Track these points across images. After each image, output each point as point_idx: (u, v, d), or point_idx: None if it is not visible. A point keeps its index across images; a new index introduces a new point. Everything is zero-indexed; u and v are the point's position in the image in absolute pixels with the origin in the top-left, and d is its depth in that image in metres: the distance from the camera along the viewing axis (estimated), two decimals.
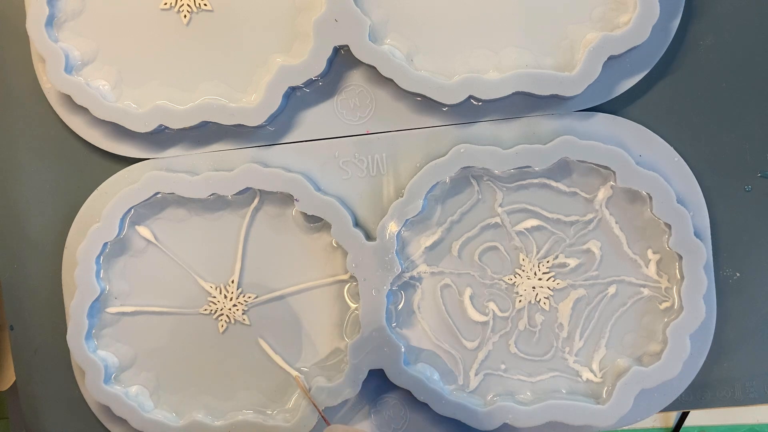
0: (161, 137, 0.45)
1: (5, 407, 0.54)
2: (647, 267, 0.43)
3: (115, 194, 0.44)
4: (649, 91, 0.43)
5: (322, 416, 0.42)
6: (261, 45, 0.44)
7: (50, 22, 0.44)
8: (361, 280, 0.43)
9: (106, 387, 0.44)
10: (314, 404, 0.42)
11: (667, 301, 0.42)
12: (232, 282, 0.45)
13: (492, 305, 0.43)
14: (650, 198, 0.41)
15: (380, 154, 0.44)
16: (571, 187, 0.43)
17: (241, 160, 0.44)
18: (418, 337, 0.44)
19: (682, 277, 0.41)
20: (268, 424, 0.43)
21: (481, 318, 0.43)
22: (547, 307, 0.43)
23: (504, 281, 0.43)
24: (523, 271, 0.43)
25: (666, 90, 0.43)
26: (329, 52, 0.42)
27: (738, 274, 0.43)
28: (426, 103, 0.43)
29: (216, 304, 0.45)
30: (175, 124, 0.44)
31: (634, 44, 0.41)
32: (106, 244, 0.44)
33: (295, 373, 0.44)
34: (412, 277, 0.44)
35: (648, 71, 0.42)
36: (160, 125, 0.44)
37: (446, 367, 0.44)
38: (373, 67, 0.42)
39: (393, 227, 0.42)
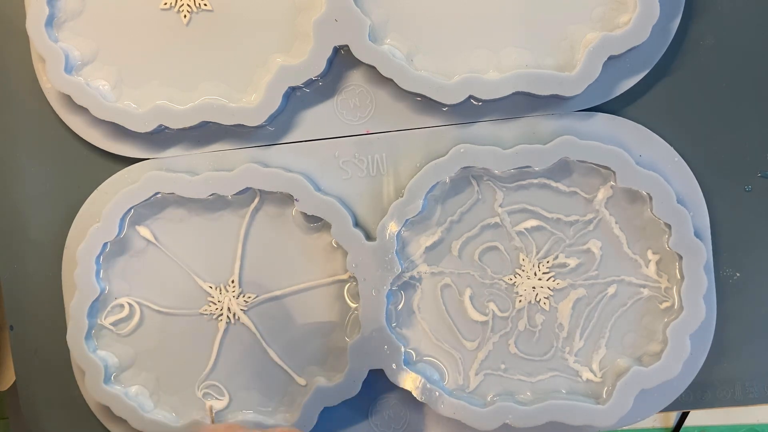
0: (161, 137, 0.45)
1: (5, 407, 0.54)
2: (647, 267, 0.43)
3: (115, 194, 0.44)
4: (649, 91, 0.43)
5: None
6: (261, 45, 0.44)
7: (50, 22, 0.44)
8: (361, 280, 0.43)
9: (106, 387, 0.44)
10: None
11: (667, 301, 0.42)
12: (232, 282, 0.45)
13: (492, 305, 0.43)
14: (650, 198, 0.41)
15: (380, 154, 0.44)
16: (571, 187, 0.43)
17: (241, 160, 0.44)
18: (418, 337, 0.44)
19: (682, 277, 0.41)
20: (268, 423, 0.43)
21: (481, 318, 0.43)
22: (547, 307, 0.43)
23: (504, 281, 0.43)
24: (523, 271, 0.43)
25: (666, 90, 0.43)
26: (329, 52, 0.42)
27: (738, 274, 0.43)
28: (426, 103, 0.43)
29: (216, 305, 0.45)
30: (175, 124, 0.44)
31: (634, 44, 0.41)
32: (106, 244, 0.44)
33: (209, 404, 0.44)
34: (412, 277, 0.44)
35: (648, 71, 0.42)
36: (160, 125, 0.44)
37: (446, 367, 0.44)
38: (373, 67, 0.42)
39: (393, 227, 0.42)
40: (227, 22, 0.44)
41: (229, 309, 0.45)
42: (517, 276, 0.43)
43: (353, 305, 0.44)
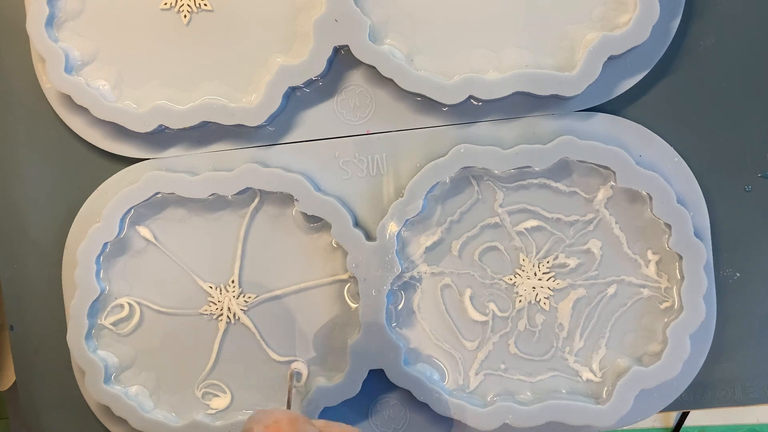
0: (161, 137, 0.45)
1: (5, 407, 0.54)
2: (647, 267, 0.43)
3: (115, 194, 0.44)
4: (649, 91, 0.43)
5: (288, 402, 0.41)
6: (261, 45, 0.44)
7: (50, 22, 0.44)
8: (361, 280, 0.43)
9: (106, 387, 0.44)
10: (289, 396, 0.41)
11: (667, 301, 0.42)
12: (232, 282, 0.45)
13: (492, 305, 0.43)
14: (650, 198, 0.41)
15: (380, 154, 0.44)
16: (571, 187, 0.43)
17: (241, 160, 0.44)
18: (418, 337, 0.44)
19: (682, 277, 0.41)
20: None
21: (481, 318, 0.43)
22: (547, 307, 0.43)
23: (504, 281, 0.43)
24: (523, 271, 0.43)
25: (666, 90, 0.43)
26: (329, 52, 0.42)
27: (738, 274, 0.43)
28: (426, 103, 0.43)
29: (216, 305, 0.45)
30: (175, 124, 0.44)
31: (634, 44, 0.41)
32: (106, 244, 0.44)
33: (292, 366, 0.43)
34: (412, 277, 0.44)
35: (648, 71, 0.42)
36: (160, 125, 0.44)
37: (446, 367, 0.44)
38: (373, 67, 0.42)
39: (393, 227, 0.42)
40: (227, 22, 0.44)
41: (229, 309, 0.45)
42: (517, 276, 0.43)
43: (353, 305, 0.44)
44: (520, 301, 0.43)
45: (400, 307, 0.44)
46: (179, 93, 0.45)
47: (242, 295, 0.45)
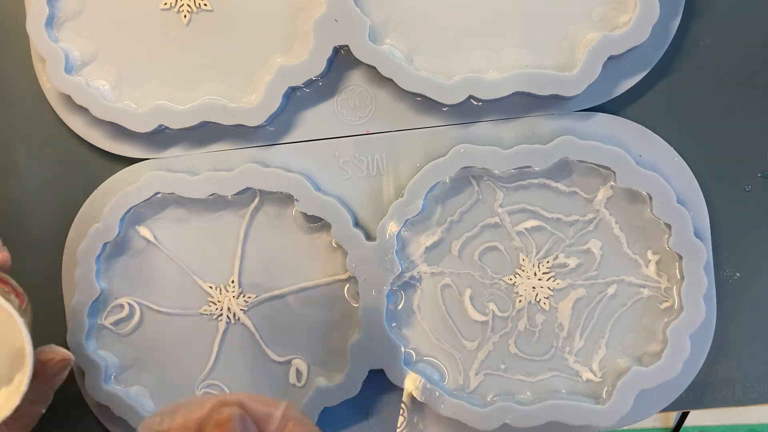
0: (161, 137, 0.45)
1: None
2: (647, 267, 0.43)
3: (115, 194, 0.44)
4: (649, 91, 0.43)
5: None
6: (261, 45, 0.44)
7: (50, 22, 0.44)
8: (361, 280, 0.43)
9: (106, 387, 0.44)
10: None
11: (667, 301, 0.42)
12: (232, 282, 0.45)
13: (492, 305, 0.43)
14: (650, 198, 0.41)
15: (380, 154, 0.44)
16: (571, 187, 0.43)
17: (241, 160, 0.44)
18: (418, 337, 0.44)
19: (682, 277, 0.41)
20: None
21: (481, 318, 0.43)
22: (547, 307, 0.43)
23: (504, 281, 0.43)
24: (523, 271, 0.43)
25: (666, 90, 0.43)
26: (329, 52, 0.42)
27: (738, 274, 0.43)
28: (426, 103, 0.43)
29: (216, 305, 0.45)
30: (175, 124, 0.44)
31: (634, 44, 0.41)
32: (106, 244, 0.44)
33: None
34: (412, 277, 0.44)
35: (648, 71, 0.42)
36: (160, 125, 0.44)
37: (446, 367, 0.44)
38: (373, 67, 0.42)
39: (393, 227, 0.42)
40: (227, 22, 0.44)
41: (229, 309, 0.45)
42: (517, 276, 0.43)
43: (353, 305, 0.44)
44: (520, 301, 0.43)
45: (400, 307, 0.44)
46: (179, 93, 0.45)
47: (242, 295, 0.45)
